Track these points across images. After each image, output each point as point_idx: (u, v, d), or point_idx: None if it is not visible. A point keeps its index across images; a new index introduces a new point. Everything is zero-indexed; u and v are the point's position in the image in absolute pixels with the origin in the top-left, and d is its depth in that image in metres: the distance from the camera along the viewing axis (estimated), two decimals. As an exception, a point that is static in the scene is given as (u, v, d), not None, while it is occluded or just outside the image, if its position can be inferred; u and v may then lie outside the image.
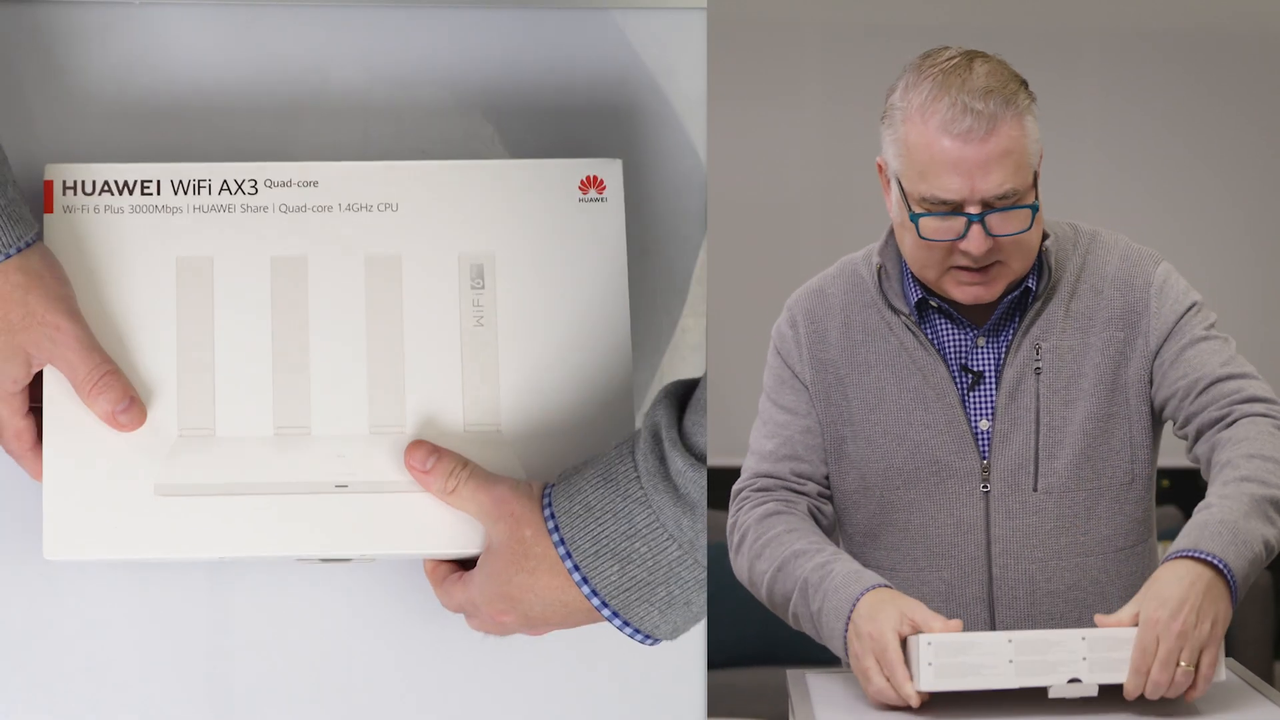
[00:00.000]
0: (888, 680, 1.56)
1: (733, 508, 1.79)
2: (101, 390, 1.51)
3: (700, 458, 1.43)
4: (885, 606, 1.59)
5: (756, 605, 1.76)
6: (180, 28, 1.63)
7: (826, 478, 1.80)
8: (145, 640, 1.63)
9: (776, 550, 1.71)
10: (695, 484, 1.43)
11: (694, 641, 1.65)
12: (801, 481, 1.78)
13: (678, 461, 1.43)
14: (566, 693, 1.67)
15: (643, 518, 1.45)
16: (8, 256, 1.49)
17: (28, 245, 1.50)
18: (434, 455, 1.52)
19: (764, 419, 1.82)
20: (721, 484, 1.69)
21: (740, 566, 1.75)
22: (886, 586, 1.62)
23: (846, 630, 1.61)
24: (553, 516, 1.47)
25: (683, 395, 1.46)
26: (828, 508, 1.80)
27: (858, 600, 1.61)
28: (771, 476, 1.78)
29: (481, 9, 1.65)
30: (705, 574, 1.46)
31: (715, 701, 1.69)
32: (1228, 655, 1.58)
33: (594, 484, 1.46)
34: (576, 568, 1.46)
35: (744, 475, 1.80)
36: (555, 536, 1.47)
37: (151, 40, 1.63)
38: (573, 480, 1.47)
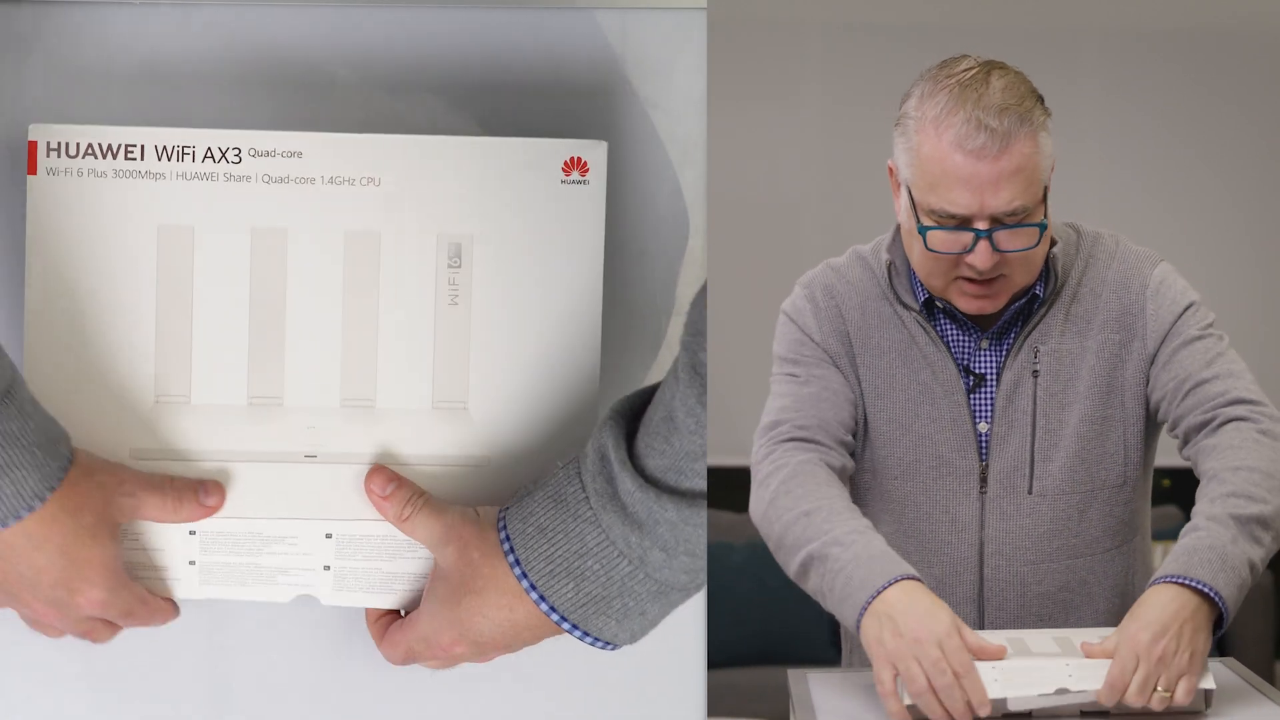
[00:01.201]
0: (960, 683, 1.51)
1: (761, 449, 1.74)
2: (180, 500, 1.52)
3: (653, 479, 1.44)
4: (938, 612, 1.55)
5: (756, 605, 1.75)
6: (180, 28, 1.63)
7: (853, 436, 1.77)
8: (145, 640, 1.63)
9: (809, 497, 1.66)
10: (643, 504, 1.45)
11: (694, 641, 1.65)
12: (831, 444, 1.76)
13: (627, 482, 1.45)
14: (567, 693, 1.67)
15: (593, 537, 1.47)
16: (64, 472, 1.49)
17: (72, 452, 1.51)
18: (393, 483, 1.56)
19: (779, 393, 1.79)
20: (723, 484, 1.68)
21: (759, 498, 1.71)
22: (920, 580, 1.59)
23: (867, 606, 1.57)
24: (508, 539, 1.50)
25: (630, 414, 1.48)
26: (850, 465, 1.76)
27: (891, 583, 1.58)
28: (804, 429, 1.76)
29: (480, 9, 1.65)
30: (656, 585, 1.48)
31: (715, 701, 1.69)
32: (1227, 655, 1.58)
33: (545, 506, 1.50)
34: (533, 586, 1.49)
35: (778, 427, 1.76)
36: (511, 558, 1.50)
37: (151, 41, 1.63)
38: (525, 503, 1.52)
